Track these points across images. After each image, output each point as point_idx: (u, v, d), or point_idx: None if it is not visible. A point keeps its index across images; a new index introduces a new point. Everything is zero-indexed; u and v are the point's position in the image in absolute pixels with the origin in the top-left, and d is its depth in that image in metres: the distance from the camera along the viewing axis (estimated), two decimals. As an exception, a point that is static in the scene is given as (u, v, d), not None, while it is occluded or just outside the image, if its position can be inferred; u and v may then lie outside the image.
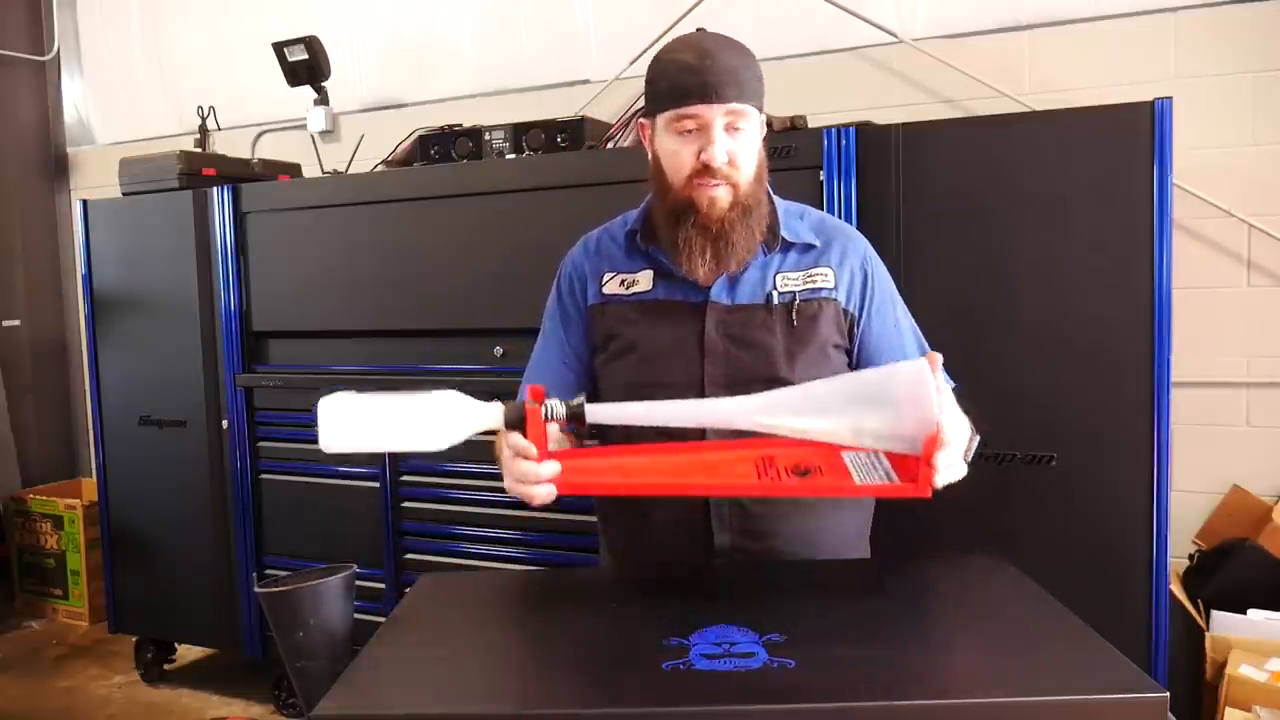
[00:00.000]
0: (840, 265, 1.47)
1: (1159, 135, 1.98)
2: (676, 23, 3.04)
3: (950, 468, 1.16)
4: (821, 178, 2.22)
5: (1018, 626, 1.20)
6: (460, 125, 2.79)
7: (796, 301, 1.43)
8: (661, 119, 1.39)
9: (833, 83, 2.96)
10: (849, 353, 1.48)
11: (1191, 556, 2.58)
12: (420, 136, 2.81)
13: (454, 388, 1.34)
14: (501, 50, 3.51)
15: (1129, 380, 2.04)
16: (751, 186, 1.39)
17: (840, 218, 2.20)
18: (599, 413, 1.21)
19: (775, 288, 1.44)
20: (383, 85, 3.74)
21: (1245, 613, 2.29)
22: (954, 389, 1.44)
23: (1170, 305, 2.01)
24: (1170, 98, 1.98)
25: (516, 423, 1.20)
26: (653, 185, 1.45)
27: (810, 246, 1.47)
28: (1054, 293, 2.09)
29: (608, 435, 1.46)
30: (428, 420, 1.19)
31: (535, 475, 1.21)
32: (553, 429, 1.26)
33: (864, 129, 2.21)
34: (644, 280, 1.48)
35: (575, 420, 1.20)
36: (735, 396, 1.25)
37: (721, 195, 1.37)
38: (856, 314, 1.47)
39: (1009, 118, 2.39)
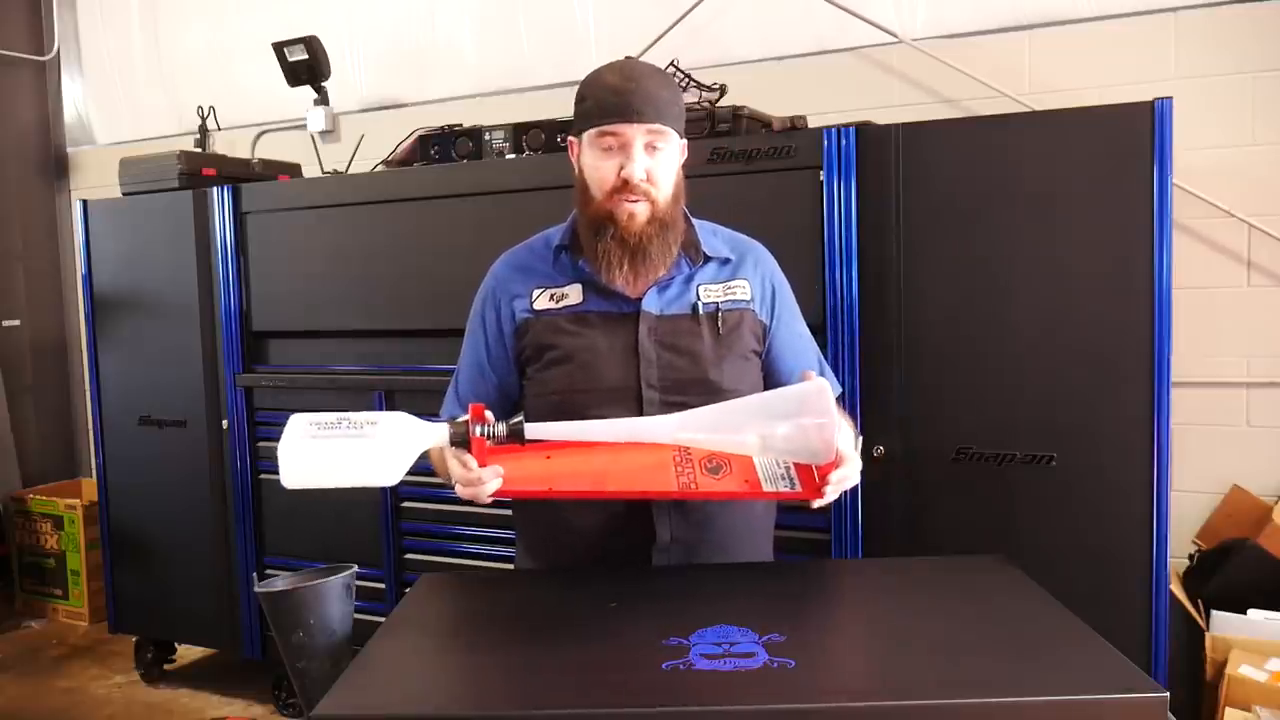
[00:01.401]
0: (753, 277, 1.58)
1: (1159, 135, 1.98)
2: (676, 23, 3.04)
3: (843, 481, 1.34)
4: (821, 178, 2.22)
5: (1018, 626, 1.20)
6: (460, 125, 2.79)
7: (720, 311, 1.53)
8: (587, 136, 1.47)
9: (833, 83, 2.95)
10: (759, 356, 1.57)
11: (1191, 556, 2.58)
12: (420, 136, 2.81)
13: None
14: (501, 50, 3.51)
15: (1129, 380, 2.04)
16: (669, 204, 1.48)
17: (840, 217, 2.21)
18: (536, 431, 1.33)
19: (699, 298, 1.53)
20: (383, 85, 3.74)
21: (1245, 613, 2.29)
22: (839, 394, 1.59)
23: (1170, 305, 2.01)
24: (1170, 98, 1.98)
25: (461, 440, 1.31)
26: (576, 198, 1.53)
27: (726, 261, 1.58)
28: (1054, 293, 2.09)
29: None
30: (383, 448, 1.28)
31: (480, 479, 1.32)
32: None
33: (864, 129, 2.21)
34: (574, 294, 1.54)
35: (514, 439, 1.32)
36: (656, 416, 1.38)
37: (640, 211, 1.46)
38: (767, 322, 1.58)
39: (1009, 118, 2.39)
